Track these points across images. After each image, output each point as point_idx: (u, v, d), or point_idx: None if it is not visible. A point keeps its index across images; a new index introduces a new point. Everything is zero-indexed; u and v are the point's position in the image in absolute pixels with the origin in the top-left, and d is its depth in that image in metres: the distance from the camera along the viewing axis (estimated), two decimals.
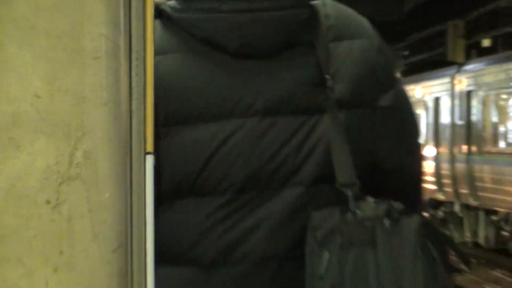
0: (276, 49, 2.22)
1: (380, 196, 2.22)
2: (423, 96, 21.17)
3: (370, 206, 2.19)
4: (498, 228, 16.97)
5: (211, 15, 2.12)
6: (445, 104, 19.61)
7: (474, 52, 25.62)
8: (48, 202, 1.37)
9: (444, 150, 19.44)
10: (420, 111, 21.11)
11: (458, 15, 26.43)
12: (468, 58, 24.00)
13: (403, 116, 2.41)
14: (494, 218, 17.13)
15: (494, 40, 25.63)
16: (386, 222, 2.15)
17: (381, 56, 2.33)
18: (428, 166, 20.19)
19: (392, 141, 2.36)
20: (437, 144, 19.97)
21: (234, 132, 2.14)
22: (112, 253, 1.47)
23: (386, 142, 2.35)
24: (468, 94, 18.27)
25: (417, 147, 2.52)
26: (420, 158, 2.54)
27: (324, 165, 2.21)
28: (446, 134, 19.41)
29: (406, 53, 32.91)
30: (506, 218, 16.54)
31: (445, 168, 19.26)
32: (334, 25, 2.28)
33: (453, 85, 19.14)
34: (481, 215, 17.85)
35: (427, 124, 20.74)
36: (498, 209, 16.81)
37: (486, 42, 26.22)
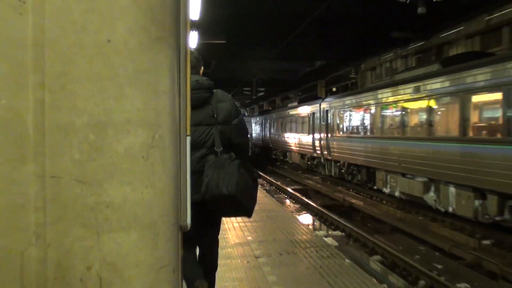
0: (200, 105, 2.84)
1: (233, 153, 2.83)
2: (307, 111, 21.18)
3: (226, 155, 2.78)
4: (340, 169, 17.09)
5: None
6: (317, 115, 19.61)
7: (329, 93, 25.79)
8: (143, 156, 1.33)
9: (317, 135, 19.49)
10: (306, 119, 21.13)
11: (322, 77, 26.71)
12: (326, 95, 24.11)
13: (240, 127, 2.97)
14: (338, 164, 17.25)
15: (337, 88, 25.92)
16: (229, 160, 2.74)
17: (233, 107, 2.95)
18: (310, 141, 20.28)
19: (236, 134, 2.93)
20: (313, 132, 19.99)
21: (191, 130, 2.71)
22: (172, 180, 1.44)
23: (234, 134, 2.91)
24: (327, 111, 18.29)
25: (246, 137, 3.03)
26: (247, 141, 3.08)
27: (212, 143, 2.83)
28: (318, 128, 19.45)
29: (300, 94, 32.89)
30: (343, 164, 16.68)
31: (317, 142, 19.31)
32: (219, 98, 2.92)
33: (320, 107, 19.16)
34: (333, 163, 17.96)
35: (309, 124, 20.69)
36: (340, 160, 16.95)
37: (334, 89, 26.49)
